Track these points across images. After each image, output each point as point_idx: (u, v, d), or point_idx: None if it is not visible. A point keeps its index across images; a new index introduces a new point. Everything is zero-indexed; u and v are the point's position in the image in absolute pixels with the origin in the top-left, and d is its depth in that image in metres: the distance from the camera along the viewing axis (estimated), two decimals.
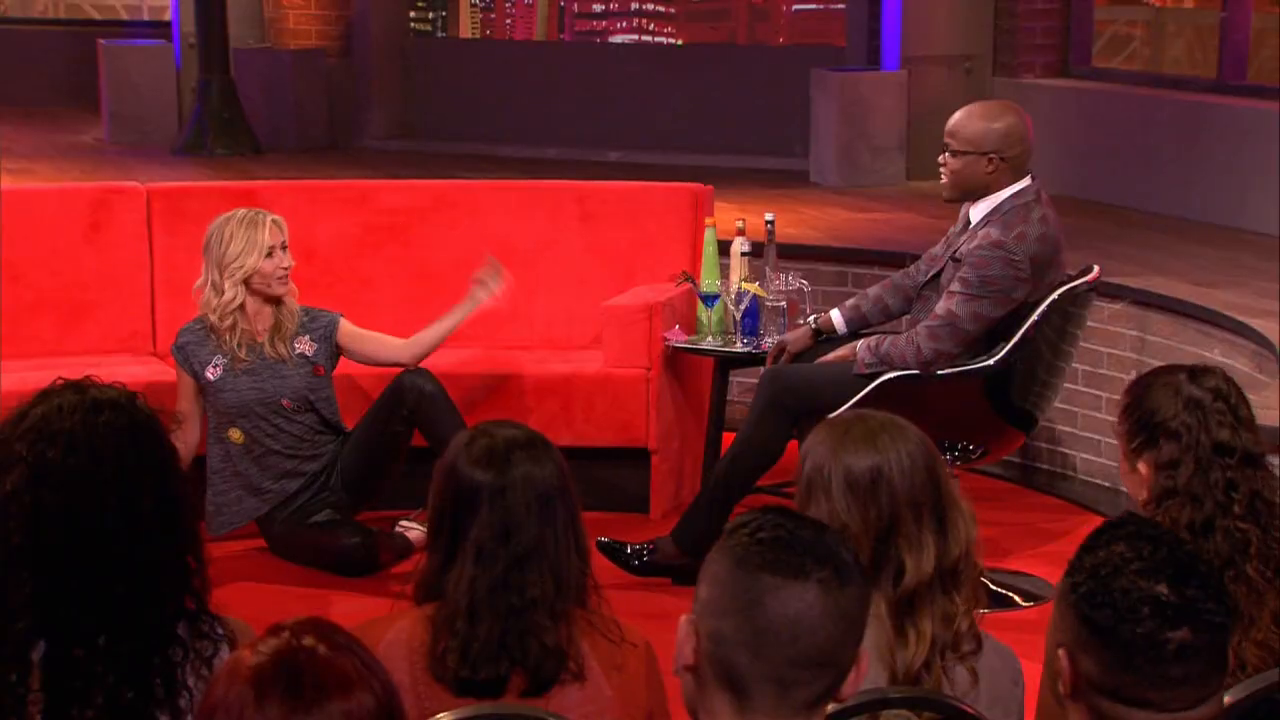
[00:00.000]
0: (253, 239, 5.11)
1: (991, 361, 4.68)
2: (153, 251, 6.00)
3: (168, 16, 10.87)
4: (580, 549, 2.60)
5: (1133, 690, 1.87)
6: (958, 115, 4.82)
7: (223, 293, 5.09)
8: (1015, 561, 5.14)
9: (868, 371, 4.75)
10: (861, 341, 4.81)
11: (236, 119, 9.58)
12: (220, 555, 2.48)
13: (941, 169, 4.81)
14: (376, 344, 5.35)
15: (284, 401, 5.17)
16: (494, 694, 2.49)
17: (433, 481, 2.63)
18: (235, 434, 5.15)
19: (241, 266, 5.08)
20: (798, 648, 1.83)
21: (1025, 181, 4.72)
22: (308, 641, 1.74)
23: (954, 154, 4.74)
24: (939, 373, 4.68)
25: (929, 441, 2.57)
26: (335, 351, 5.30)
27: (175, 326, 5.86)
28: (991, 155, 4.68)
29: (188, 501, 2.41)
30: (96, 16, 11.98)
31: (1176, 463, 2.85)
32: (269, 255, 5.11)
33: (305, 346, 5.23)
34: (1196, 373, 2.94)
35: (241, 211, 5.20)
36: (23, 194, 6.35)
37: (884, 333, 4.95)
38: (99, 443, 2.31)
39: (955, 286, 4.64)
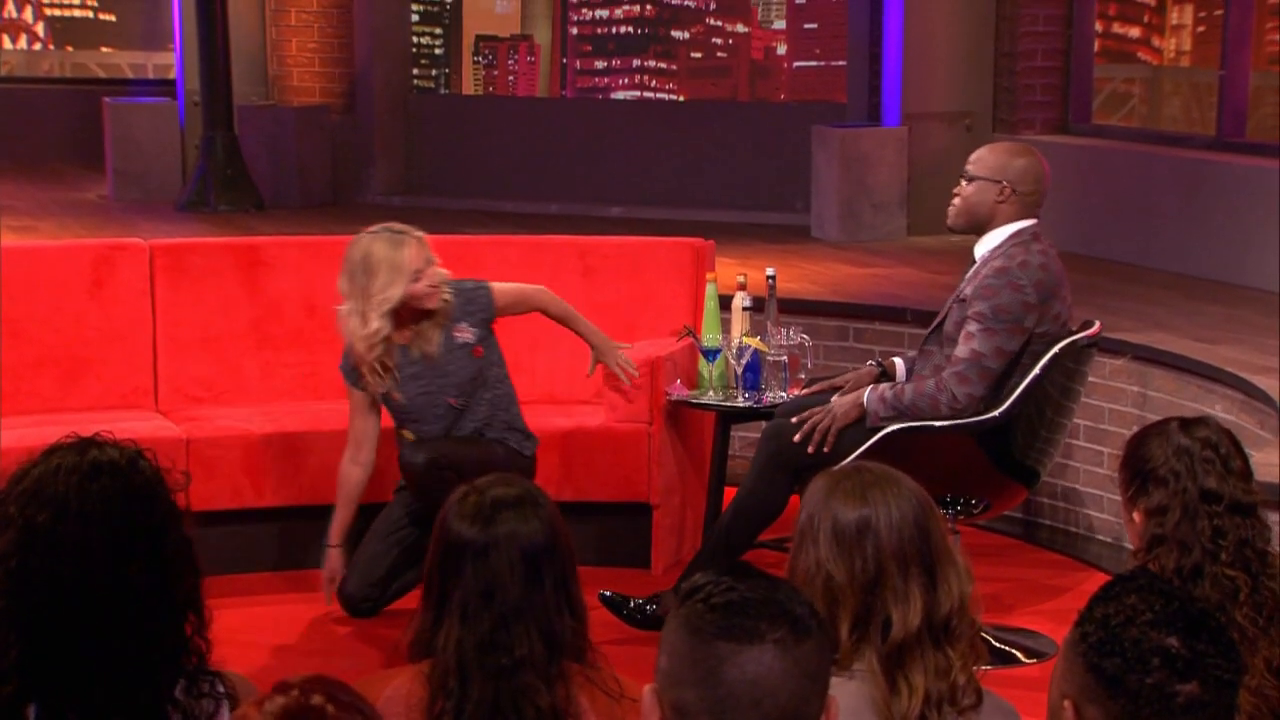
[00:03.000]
0: (398, 266, 5.00)
1: (996, 414, 4.67)
2: (155, 307, 5.98)
3: (173, 74, 10.91)
4: (574, 607, 2.57)
5: None
6: (982, 149, 4.92)
7: (369, 324, 5.00)
8: (1018, 618, 5.11)
9: (881, 424, 4.73)
10: (871, 393, 4.78)
11: (240, 175, 9.61)
12: (220, 610, 2.44)
13: (954, 196, 4.82)
14: (531, 300, 5.36)
15: (450, 400, 5.12)
16: None
17: (433, 531, 2.62)
18: (407, 433, 5.14)
19: (388, 299, 4.99)
20: (762, 710, 1.81)
21: (1028, 221, 4.75)
22: (316, 700, 1.72)
23: (970, 179, 4.78)
24: (938, 424, 4.66)
25: (924, 496, 2.55)
26: (492, 318, 5.22)
27: (178, 383, 5.85)
28: (1004, 185, 4.72)
29: (187, 562, 2.38)
30: (102, 75, 12.01)
31: (1165, 509, 2.89)
32: (415, 280, 5.02)
33: (464, 334, 5.15)
34: (1188, 422, 2.99)
35: (386, 235, 5.11)
36: (25, 250, 6.36)
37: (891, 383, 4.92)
38: (90, 509, 2.29)
39: (971, 326, 4.64)
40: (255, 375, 6.00)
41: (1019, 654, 4.83)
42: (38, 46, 12.25)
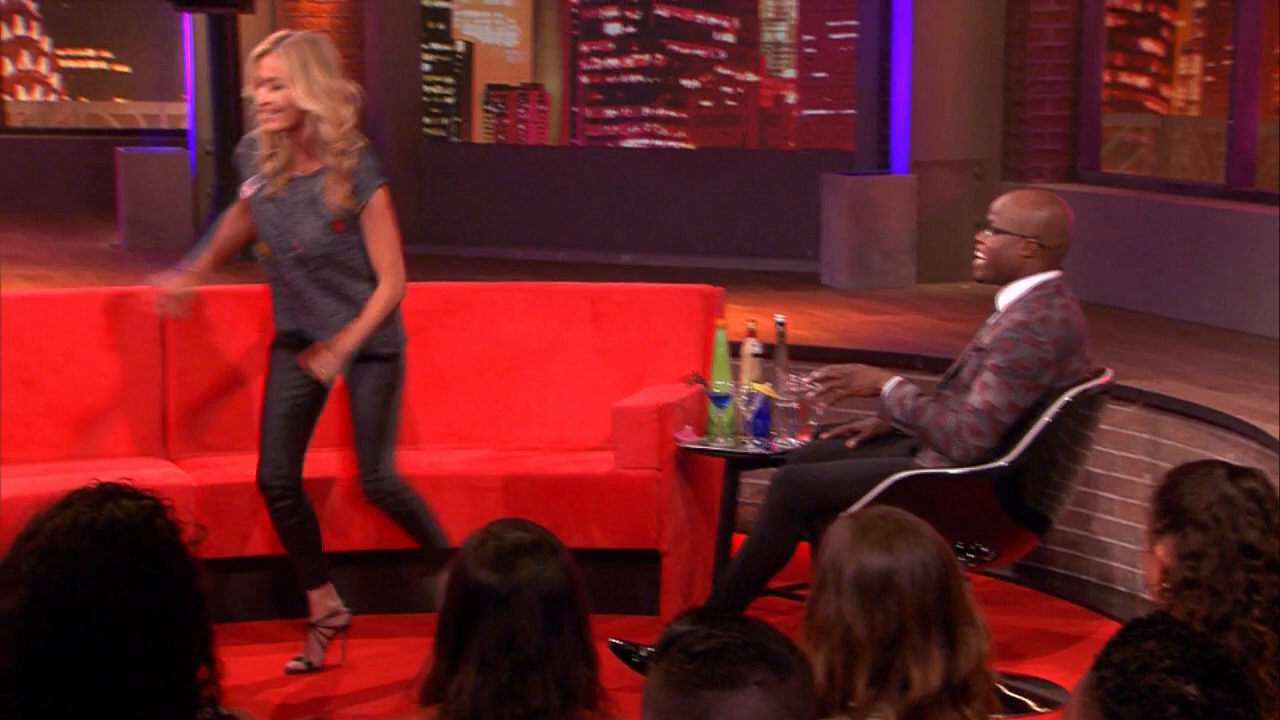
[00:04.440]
0: (250, 65, 4.95)
1: (1005, 462, 4.65)
2: (166, 355, 5.98)
3: (185, 125, 10.94)
4: (588, 654, 2.56)
5: None
6: (1005, 197, 4.89)
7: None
8: (1029, 666, 5.08)
9: (890, 422, 4.78)
10: (896, 387, 4.76)
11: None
12: (229, 658, 2.41)
13: (979, 247, 4.81)
14: (375, 252, 5.01)
15: (294, 243, 4.97)
16: None
17: (448, 579, 2.60)
18: (263, 247, 5.08)
19: (250, 92, 4.97)
20: None
21: (1053, 274, 4.74)
22: None
23: (995, 231, 4.77)
24: (951, 472, 4.64)
25: (947, 549, 2.53)
26: (356, 213, 4.96)
27: (189, 430, 5.85)
28: (1030, 240, 4.71)
29: (200, 619, 2.34)
30: (116, 125, 12.06)
31: (1201, 554, 2.80)
32: (256, 85, 4.89)
33: (345, 197, 4.92)
34: (1237, 471, 2.90)
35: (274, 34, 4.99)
36: (37, 299, 6.36)
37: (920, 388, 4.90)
38: (103, 571, 2.24)
39: (988, 377, 4.62)
40: None
41: (1031, 703, 4.80)
42: (52, 98, 12.29)
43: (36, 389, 5.72)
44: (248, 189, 5.04)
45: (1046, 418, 4.65)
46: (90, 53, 12.11)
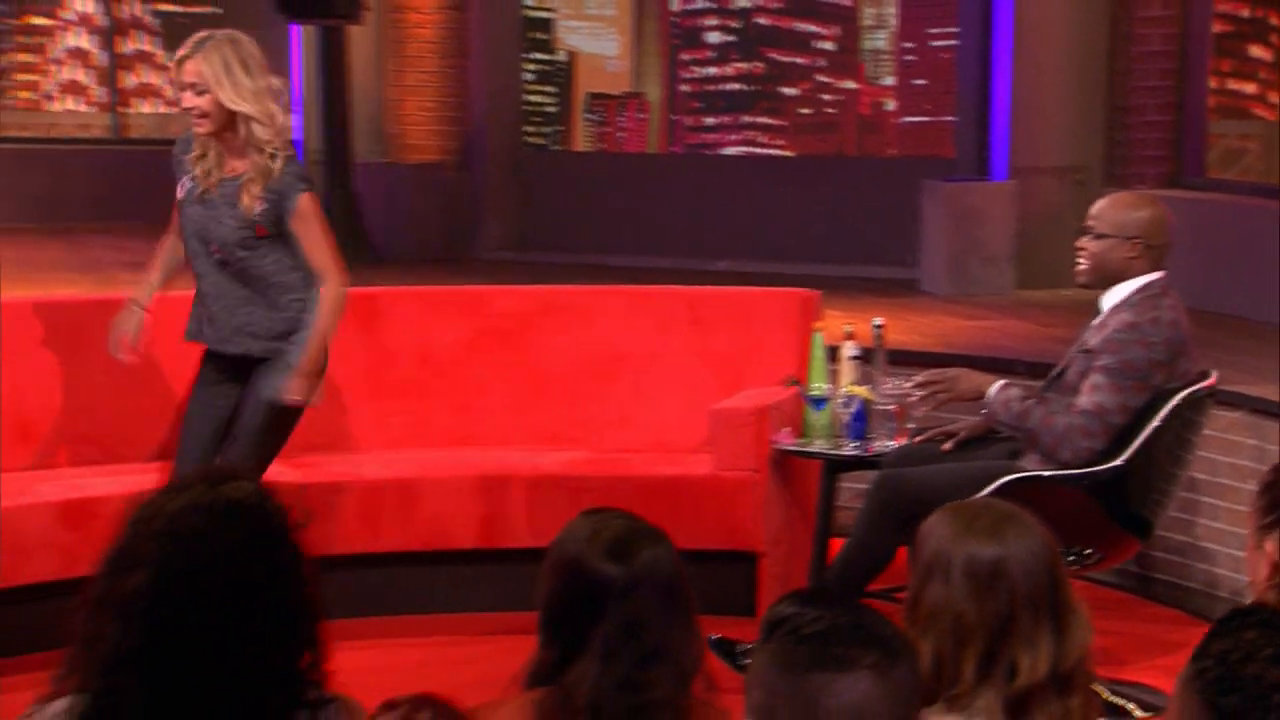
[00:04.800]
0: (173, 69, 4.87)
1: (1119, 462, 4.59)
2: None
3: (293, 135, 11.05)
4: (698, 639, 2.56)
5: None
6: (1102, 201, 4.81)
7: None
8: (1131, 672, 5.00)
9: (998, 423, 4.73)
10: (1000, 390, 4.71)
11: (356, 232, 9.67)
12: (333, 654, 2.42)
13: (1080, 253, 4.75)
14: (311, 256, 4.87)
15: (212, 247, 4.87)
16: None
17: (547, 569, 2.59)
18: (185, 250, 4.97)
19: (176, 94, 4.89)
20: None
21: (1157, 274, 4.68)
22: (422, 717, 1.71)
23: (1096, 237, 4.69)
24: (1063, 474, 4.59)
25: (1053, 540, 2.51)
26: (284, 218, 4.84)
27: (300, 429, 5.82)
28: (1135, 240, 4.65)
29: (311, 601, 2.35)
30: None
31: None
32: (180, 90, 4.79)
33: (258, 201, 4.82)
34: None
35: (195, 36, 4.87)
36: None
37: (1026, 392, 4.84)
38: (224, 552, 2.26)
39: (1098, 379, 4.56)
40: (369, 424, 6.03)
41: (1133, 707, 4.71)
42: (164, 109, 12.43)
43: (145, 389, 5.77)
44: (180, 190, 4.95)
45: (1157, 420, 4.58)
46: None
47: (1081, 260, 4.75)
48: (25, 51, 11.89)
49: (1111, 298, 4.68)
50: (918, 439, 5.11)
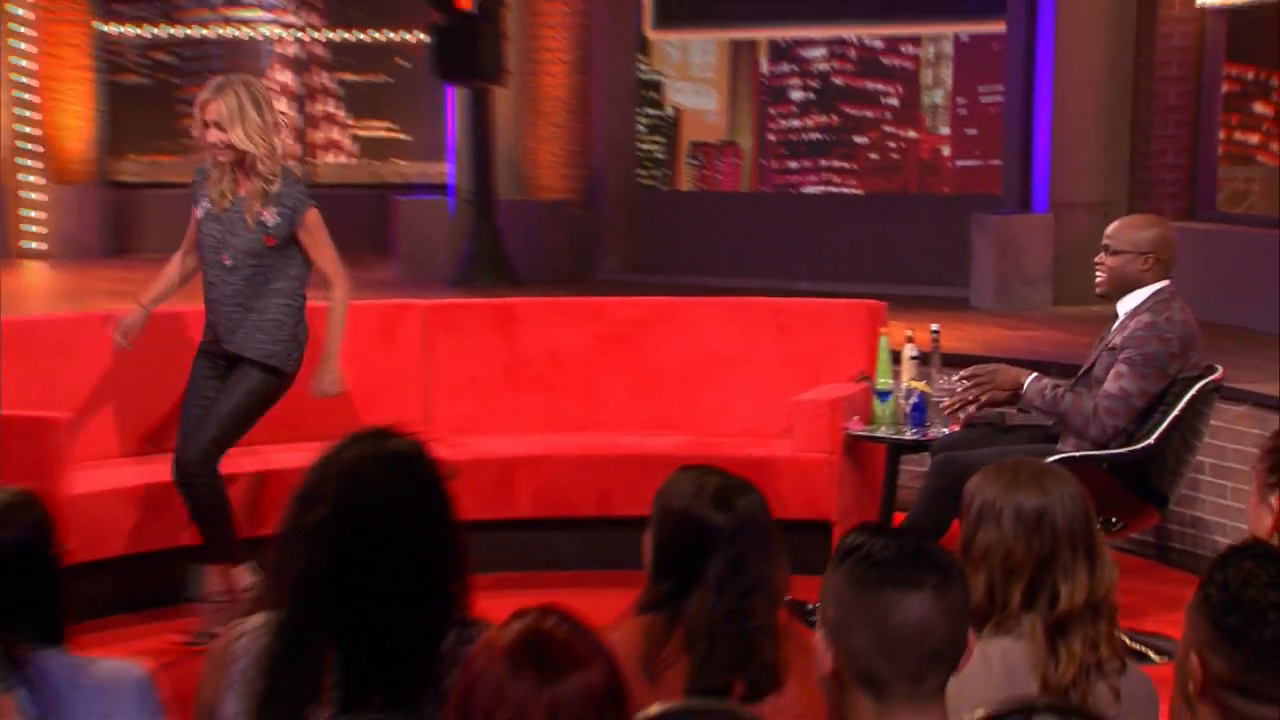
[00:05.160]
0: (195, 107, 4.80)
1: (1150, 441, 4.56)
2: (428, 355, 6.07)
3: (446, 179, 11.12)
4: (785, 573, 2.55)
5: (1260, 687, 1.76)
6: (1116, 223, 4.80)
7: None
8: (1150, 624, 4.91)
9: (1031, 408, 4.68)
10: (1034, 382, 4.67)
11: (498, 257, 9.72)
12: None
13: (1098, 267, 4.71)
14: (320, 262, 4.87)
15: (223, 257, 4.80)
16: (721, 697, 2.45)
17: (654, 518, 2.59)
18: (202, 262, 4.90)
19: (197, 131, 4.82)
20: (926, 647, 1.79)
21: (1165, 282, 4.64)
22: (549, 623, 1.71)
23: (1113, 253, 4.66)
24: (1103, 453, 4.54)
25: (1085, 491, 2.52)
26: (292, 231, 4.81)
27: (448, 416, 5.90)
28: (1147, 255, 4.62)
29: (457, 539, 2.37)
30: (394, 181, 12.28)
31: None
32: (204, 127, 4.73)
33: (268, 215, 4.78)
34: None
35: (214, 80, 4.81)
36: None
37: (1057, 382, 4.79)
38: (389, 492, 2.29)
39: (1121, 368, 4.54)
40: (506, 412, 6.06)
41: (1151, 653, 4.64)
42: (343, 159, 12.59)
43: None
44: (198, 211, 4.90)
45: (1180, 406, 4.57)
46: (377, 124, 12.37)
47: (1100, 274, 4.71)
48: None
49: (1128, 304, 4.65)
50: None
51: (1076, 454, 4.56)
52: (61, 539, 2.39)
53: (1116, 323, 4.68)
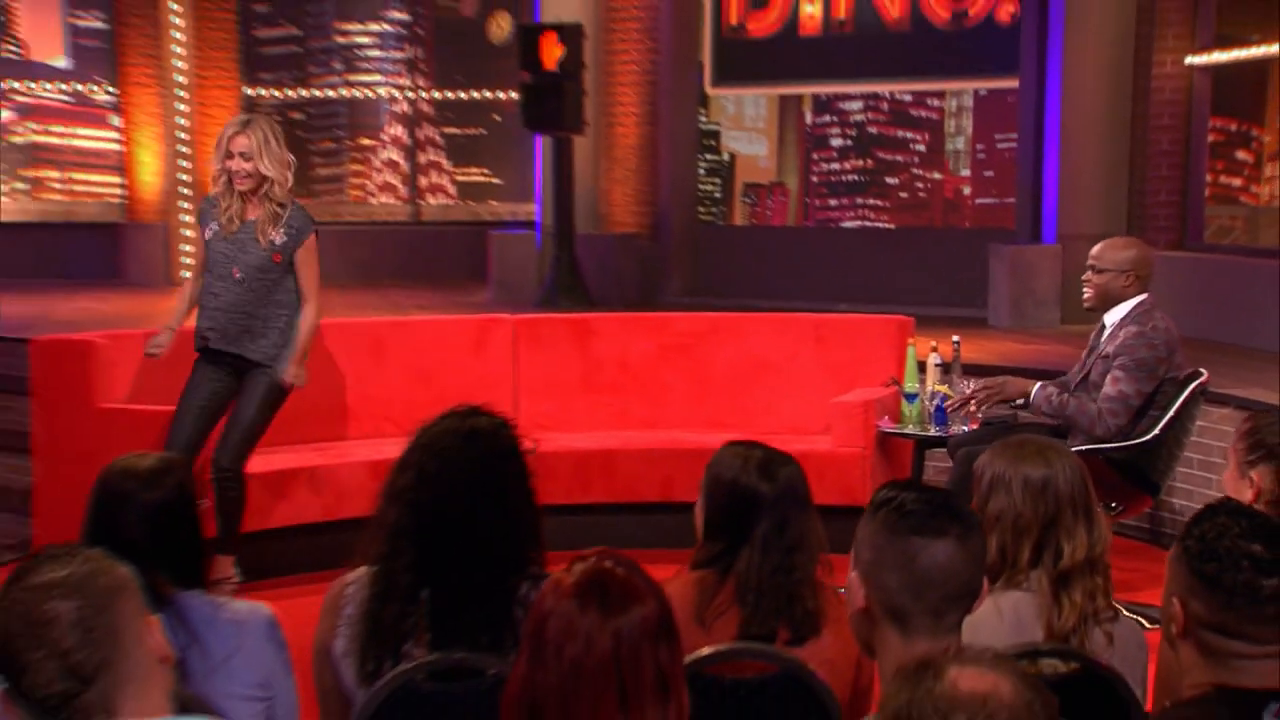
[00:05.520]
0: (219, 142, 4.70)
1: (1157, 431, 4.51)
2: (517, 362, 6.10)
3: (533, 216, 11.19)
4: (821, 531, 2.55)
5: (1234, 626, 1.74)
6: (1099, 245, 4.74)
7: (215, 172, 4.78)
8: (1143, 597, 4.82)
9: (1039, 413, 4.61)
10: (1040, 390, 4.63)
11: (577, 283, 9.74)
12: None
13: (1086, 285, 4.66)
14: (304, 280, 4.77)
15: (234, 271, 4.74)
16: (768, 643, 2.44)
17: (706, 487, 2.59)
18: (209, 279, 4.81)
19: (217, 160, 4.73)
20: (948, 587, 1.78)
21: (1145, 295, 4.59)
22: (608, 564, 1.71)
23: (1099, 271, 4.62)
24: (1112, 446, 4.49)
25: (1081, 463, 2.49)
26: (293, 250, 4.76)
27: (533, 414, 5.91)
28: (1129, 272, 4.57)
29: (532, 501, 2.38)
30: (490, 219, 12.37)
31: None
32: (229, 157, 4.68)
33: (276, 235, 4.74)
34: None
35: (238, 117, 4.80)
36: (435, 323, 6.55)
37: (1059, 387, 4.73)
38: (466, 461, 2.32)
39: (1118, 373, 4.49)
40: (582, 411, 6.07)
41: (1144, 621, 4.55)
42: (446, 200, 12.69)
43: (433, 382, 5.87)
44: (207, 234, 4.83)
45: (1178, 403, 4.52)
46: (475, 170, 12.46)
47: (1088, 290, 4.68)
48: (355, 162, 12.22)
49: (1114, 315, 4.61)
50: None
51: (1083, 447, 4.50)
52: (200, 497, 2.43)
53: (1106, 333, 4.63)
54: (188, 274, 5.18)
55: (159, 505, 2.30)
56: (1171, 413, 4.50)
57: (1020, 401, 4.75)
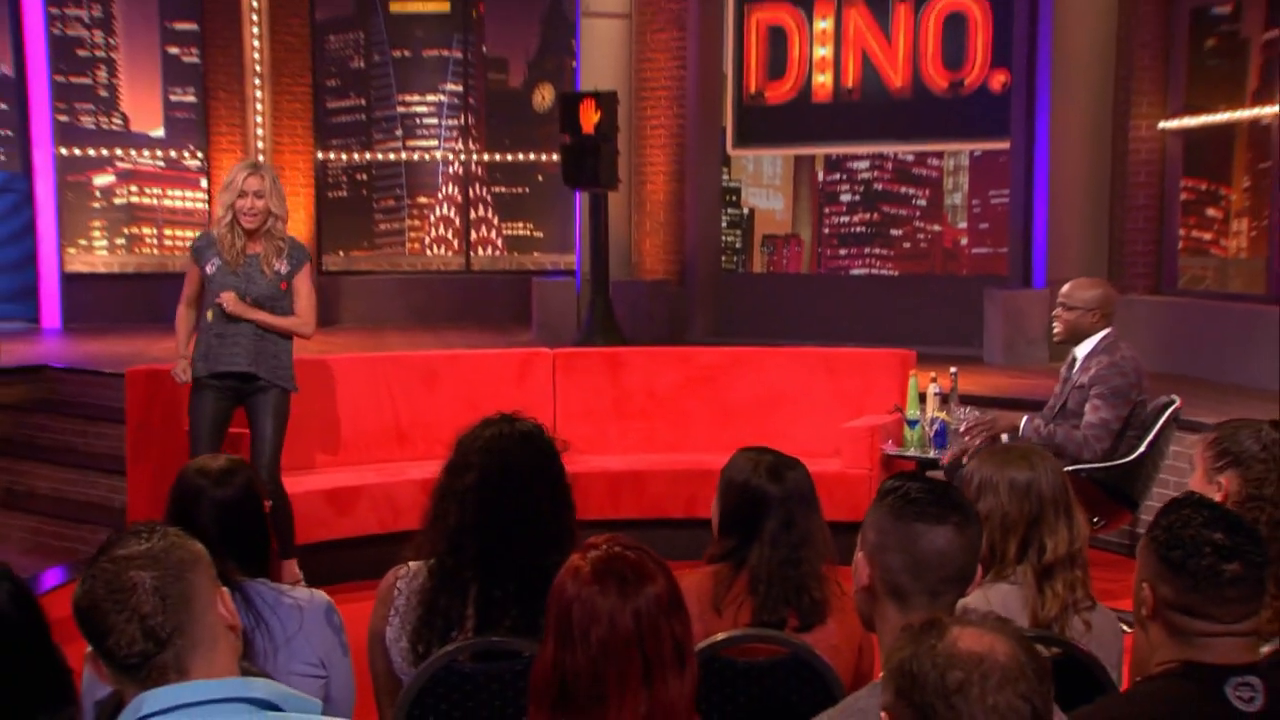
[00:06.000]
0: (231, 184, 4.66)
1: (1141, 449, 4.48)
2: (555, 391, 6.11)
3: (573, 265, 11.23)
4: (826, 529, 2.53)
5: (1198, 607, 1.72)
6: (1068, 285, 4.74)
7: (217, 212, 4.75)
8: (1123, 604, 4.75)
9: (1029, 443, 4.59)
10: (1028, 422, 4.60)
11: (611, 325, 9.74)
12: None
13: (1056, 320, 4.66)
14: (299, 300, 4.74)
15: (246, 299, 4.71)
16: (778, 629, 2.43)
17: (721, 488, 2.58)
18: (209, 314, 4.73)
19: (224, 202, 4.69)
20: (945, 570, 1.76)
21: (1109, 329, 4.60)
22: (618, 549, 1.70)
23: (1069, 309, 4.62)
24: (1101, 465, 4.46)
25: (1061, 467, 2.47)
26: (292, 275, 4.73)
27: (571, 438, 5.78)
28: (1095, 310, 4.56)
29: (569, 501, 2.38)
30: (533, 268, 12.42)
31: (1263, 480, 2.62)
32: (241, 196, 4.64)
33: (281, 265, 4.73)
34: (1275, 423, 2.72)
35: (247, 162, 4.78)
36: (484, 356, 6.59)
37: (1044, 418, 4.71)
38: (523, 462, 2.31)
39: (1096, 401, 4.48)
40: (614, 436, 6.08)
41: (1124, 626, 4.50)
42: (494, 252, 12.74)
43: (479, 409, 5.87)
44: (209, 268, 4.75)
45: (1159, 425, 4.50)
46: (520, 224, 12.52)
47: (1058, 326, 4.68)
48: (414, 218, 12.31)
49: (1083, 349, 4.62)
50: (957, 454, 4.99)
51: (1070, 468, 4.47)
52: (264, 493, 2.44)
53: (1077, 365, 4.62)
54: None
55: (228, 501, 2.32)
56: (1151, 435, 4.48)
57: (1005, 438, 4.71)
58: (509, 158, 12.15)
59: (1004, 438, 4.83)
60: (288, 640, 2.25)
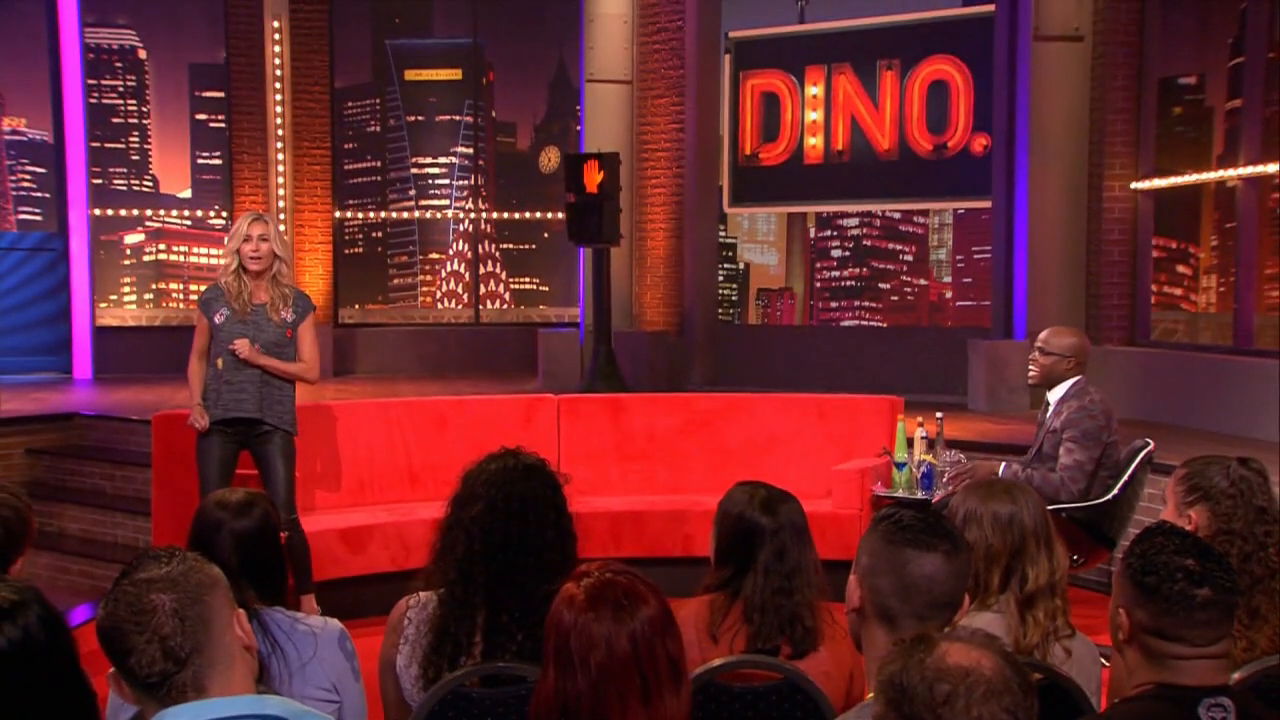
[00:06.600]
0: (237, 231, 4.64)
1: (1116, 491, 4.47)
2: (560, 435, 6.10)
3: (577, 317, 11.26)
4: (817, 560, 2.51)
5: (1171, 630, 1.71)
6: (1045, 332, 4.75)
7: (225, 259, 4.72)
8: (1101, 640, 4.72)
9: None
10: (1006, 467, 4.61)
11: (614, 373, 9.73)
12: None
13: (1032, 364, 4.68)
14: (304, 348, 4.70)
15: (255, 346, 4.66)
16: (772, 656, 2.41)
17: (717, 520, 2.58)
18: (219, 361, 4.67)
19: (230, 249, 4.67)
20: (933, 595, 1.75)
21: (1081, 376, 4.61)
22: (611, 575, 1.70)
23: (1045, 354, 4.63)
24: (1081, 505, 4.46)
25: (1042, 502, 2.45)
26: (297, 324, 4.72)
27: (574, 480, 5.89)
28: (1069, 358, 4.58)
29: (571, 531, 2.37)
30: (539, 319, 12.44)
31: (1232, 514, 2.62)
32: (246, 240, 4.62)
33: (287, 313, 4.69)
34: (1244, 459, 2.73)
35: (251, 212, 4.75)
36: (493, 401, 6.58)
37: (1023, 463, 4.71)
38: (528, 493, 2.31)
39: (1069, 444, 4.49)
40: (616, 477, 6.06)
41: (1104, 660, 4.46)
42: (502, 305, 12.78)
43: (485, 451, 5.88)
44: (218, 319, 4.72)
45: (1133, 466, 4.49)
46: (527, 279, 12.56)
47: (1033, 370, 4.69)
48: (426, 273, 12.36)
49: (1056, 393, 4.63)
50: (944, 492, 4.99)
51: (1050, 507, 4.46)
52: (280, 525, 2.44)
53: (1050, 409, 4.63)
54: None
55: (247, 532, 2.31)
56: (1126, 476, 4.49)
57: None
58: (517, 216, 12.23)
59: None
60: (302, 665, 2.24)
